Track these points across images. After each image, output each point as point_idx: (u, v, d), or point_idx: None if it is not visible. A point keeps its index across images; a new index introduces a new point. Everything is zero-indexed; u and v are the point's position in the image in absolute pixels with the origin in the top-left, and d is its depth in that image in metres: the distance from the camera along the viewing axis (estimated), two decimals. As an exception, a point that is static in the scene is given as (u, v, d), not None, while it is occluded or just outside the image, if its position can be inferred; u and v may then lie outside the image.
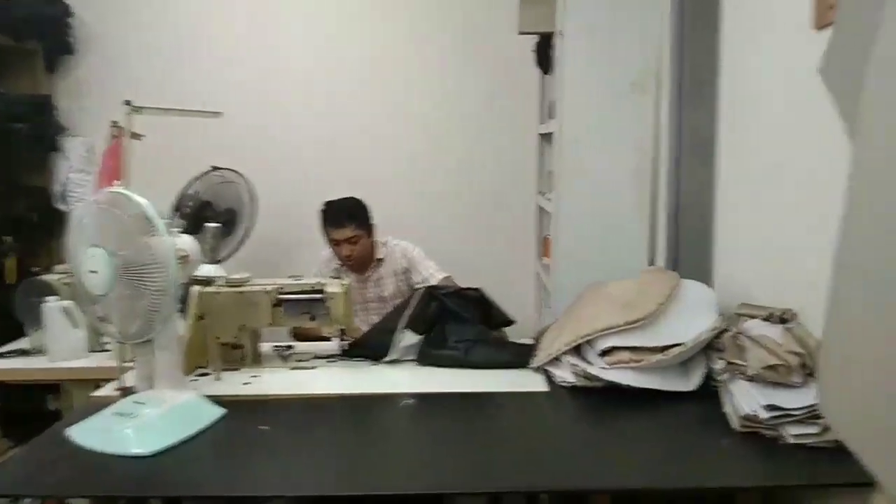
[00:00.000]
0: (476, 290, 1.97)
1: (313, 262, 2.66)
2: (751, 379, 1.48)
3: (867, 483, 1.13)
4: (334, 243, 2.45)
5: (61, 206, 3.19)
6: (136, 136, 2.13)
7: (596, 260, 2.70)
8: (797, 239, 1.64)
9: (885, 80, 1.03)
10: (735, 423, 1.43)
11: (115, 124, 1.97)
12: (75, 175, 3.20)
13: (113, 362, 2.02)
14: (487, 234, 3.54)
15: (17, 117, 3.10)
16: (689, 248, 2.48)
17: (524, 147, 3.48)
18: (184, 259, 1.53)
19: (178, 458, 1.37)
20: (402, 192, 3.45)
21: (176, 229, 1.57)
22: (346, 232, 2.43)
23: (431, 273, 2.49)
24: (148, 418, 1.46)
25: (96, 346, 2.21)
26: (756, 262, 1.85)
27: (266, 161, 3.31)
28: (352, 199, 2.53)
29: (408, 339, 1.85)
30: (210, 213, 2.80)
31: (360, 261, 2.48)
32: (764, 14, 1.80)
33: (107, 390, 1.77)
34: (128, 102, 1.61)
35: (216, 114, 1.73)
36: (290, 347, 2.09)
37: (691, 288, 1.86)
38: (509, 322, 2.00)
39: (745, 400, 1.44)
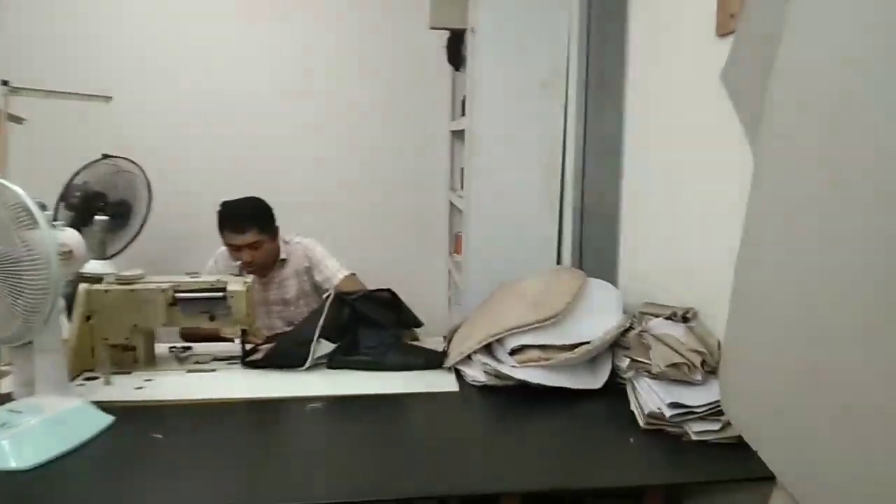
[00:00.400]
0: (386, 290, 1.92)
1: (210, 258, 2.50)
2: (655, 377, 1.51)
3: (766, 478, 1.18)
4: (233, 249, 2.27)
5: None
6: (15, 119, 1.95)
7: (506, 257, 2.71)
8: (697, 240, 1.69)
9: (784, 90, 1.07)
10: (641, 421, 1.46)
11: (-10, 106, 1.79)
12: (-53, 161, 2.93)
13: (-13, 367, 1.85)
14: (399, 231, 3.50)
15: None
16: (594, 247, 2.52)
17: (436, 143, 3.45)
18: (67, 255, 1.41)
19: (61, 473, 1.26)
20: (309, 187, 3.36)
21: (59, 222, 1.45)
22: (248, 237, 2.25)
23: (333, 272, 2.39)
24: (25, 428, 1.33)
25: (-32, 349, 2.02)
26: (659, 262, 1.90)
27: (162, 150, 3.13)
28: (253, 199, 2.34)
29: (324, 348, 1.76)
30: (101, 205, 2.62)
31: (262, 266, 2.34)
32: (669, 19, 1.85)
33: (-22, 399, 1.61)
34: (5, 82, 1.45)
35: (105, 98, 1.59)
36: (187, 349, 1.98)
37: (597, 287, 1.89)
38: (419, 324, 1.96)
39: (650, 398, 1.47)
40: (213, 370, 1.82)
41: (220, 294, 1.80)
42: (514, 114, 2.69)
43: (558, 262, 2.73)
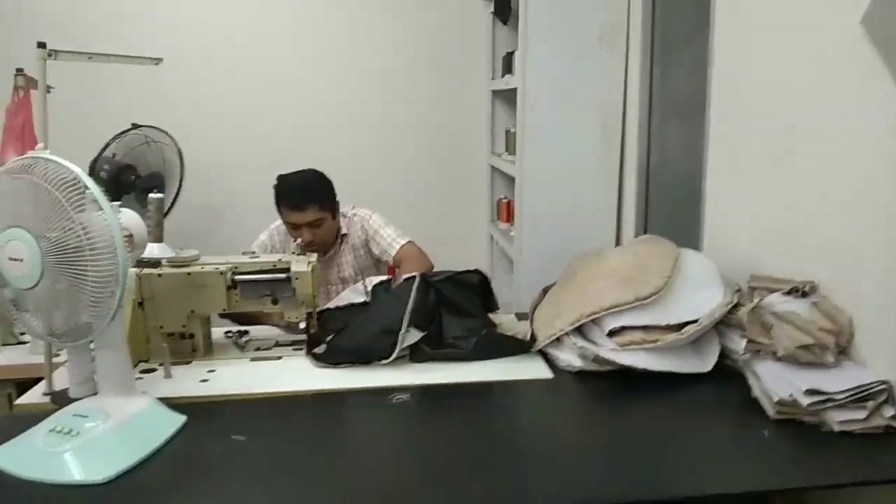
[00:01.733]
0: (475, 272, 1.74)
1: (252, 235, 2.31)
2: (780, 359, 1.36)
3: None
4: (292, 227, 2.09)
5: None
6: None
7: (562, 225, 2.57)
8: (807, 206, 1.53)
9: None
10: (769, 410, 1.31)
11: (20, 73, 1.59)
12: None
13: (33, 357, 1.72)
14: (437, 196, 3.33)
15: None
16: (663, 215, 2.37)
17: (476, 104, 3.26)
18: (128, 239, 1.26)
19: (138, 486, 1.13)
20: (341, 152, 3.17)
21: (116, 203, 1.29)
22: (308, 215, 2.05)
23: (390, 241, 2.20)
24: (94, 435, 1.20)
25: (9, 339, 1.87)
26: (758, 232, 1.73)
27: (194, 119, 2.95)
28: (311, 172, 2.13)
29: (412, 336, 1.58)
30: (132, 179, 2.45)
31: (324, 244, 2.16)
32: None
33: (32, 396, 1.48)
34: (42, 45, 1.27)
35: (156, 60, 1.41)
36: (244, 333, 1.83)
37: (692, 259, 1.73)
38: (496, 308, 1.80)
39: (779, 384, 1.32)
40: (279, 357, 1.68)
41: (284, 275, 1.65)
42: (570, 71, 2.52)
43: (618, 230, 2.58)
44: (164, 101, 2.89)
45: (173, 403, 1.38)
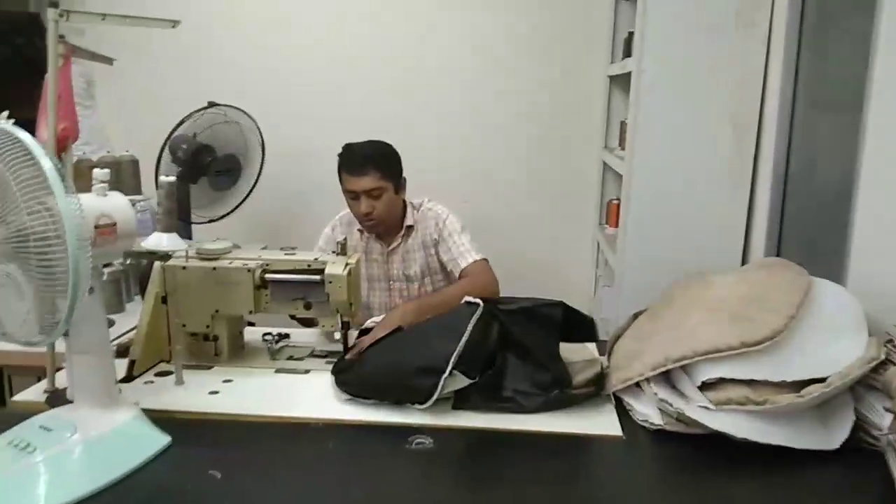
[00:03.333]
0: (556, 304, 1.35)
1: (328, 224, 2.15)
2: (943, 450, 0.97)
3: None
4: (351, 196, 1.91)
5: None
6: (104, 59, 1.66)
7: (675, 236, 2.18)
8: None
9: None
10: (921, 522, 0.93)
11: (63, 39, 1.48)
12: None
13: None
14: (540, 194, 3.01)
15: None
16: (804, 233, 1.93)
17: (589, 91, 2.90)
18: (107, 228, 1.07)
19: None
20: (439, 139, 2.92)
21: (103, 185, 1.11)
22: (367, 181, 1.88)
23: (462, 252, 1.94)
24: (52, 454, 1.03)
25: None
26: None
27: (272, 100, 2.79)
28: (378, 142, 1.99)
29: (457, 382, 1.25)
30: (208, 160, 2.33)
31: (384, 223, 1.93)
32: None
33: (31, 393, 1.35)
34: (54, 4, 1.13)
35: (173, 23, 1.24)
36: (283, 337, 1.64)
37: (827, 293, 1.33)
38: (594, 338, 1.45)
39: (939, 487, 0.94)
40: (307, 371, 1.46)
41: (318, 277, 1.43)
42: (698, 54, 2.12)
43: (745, 249, 2.16)
44: (242, 80, 2.77)
45: (170, 417, 1.20)
